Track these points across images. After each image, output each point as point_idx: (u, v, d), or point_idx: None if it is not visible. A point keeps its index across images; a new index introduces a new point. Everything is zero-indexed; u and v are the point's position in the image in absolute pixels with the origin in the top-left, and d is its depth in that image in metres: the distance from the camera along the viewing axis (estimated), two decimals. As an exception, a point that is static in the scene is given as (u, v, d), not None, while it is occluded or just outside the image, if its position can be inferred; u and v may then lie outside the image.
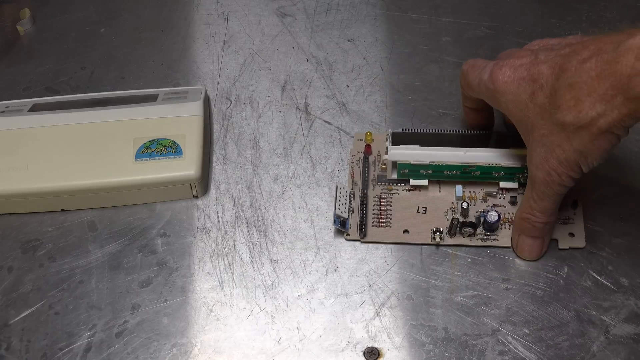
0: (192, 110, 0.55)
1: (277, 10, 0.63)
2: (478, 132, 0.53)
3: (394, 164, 0.52)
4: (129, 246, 0.52)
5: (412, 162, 0.51)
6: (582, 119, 0.40)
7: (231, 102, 0.59)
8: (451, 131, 0.53)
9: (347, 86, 0.59)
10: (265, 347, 0.48)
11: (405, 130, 0.53)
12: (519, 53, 0.46)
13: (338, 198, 0.51)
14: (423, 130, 0.54)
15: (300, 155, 0.56)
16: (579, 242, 0.50)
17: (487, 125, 0.54)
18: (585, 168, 0.43)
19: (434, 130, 0.53)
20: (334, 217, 0.50)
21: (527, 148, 0.46)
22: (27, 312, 0.49)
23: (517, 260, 0.50)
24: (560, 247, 0.50)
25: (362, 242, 0.51)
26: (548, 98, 0.42)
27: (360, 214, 0.52)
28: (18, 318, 0.49)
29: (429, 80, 0.59)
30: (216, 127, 0.57)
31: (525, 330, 0.47)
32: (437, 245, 0.51)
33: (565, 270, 0.50)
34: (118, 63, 0.61)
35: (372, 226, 0.51)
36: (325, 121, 0.57)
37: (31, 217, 0.54)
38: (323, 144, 0.56)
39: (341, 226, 0.51)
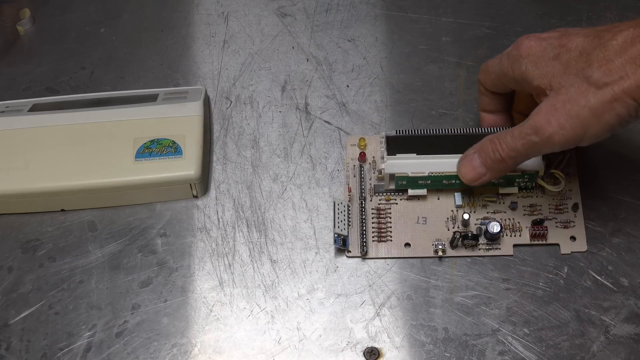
0: (192, 110, 0.55)
1: (277, 10, 0.63)
2: (472, 130, 0.52)
3: (392, 176, 0.51)
4: (129, 246, 0.52)
5: (410, 174, 0.50)
6: (611, 76, 0.41)
7: (231, 102, 0.59)
8: (445, 131, 0.52)
9: (347, 86, 0.59)
10: (265, 347, 0.48)
11: (400, 132, 0.52)
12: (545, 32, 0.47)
13: (337, 214, 0.50)
14: (417, 132, 0.52)
15: (300, 155, 0.56)
16: (581, 246, 0.50)
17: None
18: (589, 137, 0.42)
19: (427, 132, 0.52)
20: (334, 236, 0.50)
21: (539, 104, 0.45)
22: (27, 312, 0.49)
23: (517, 261, 0.50)
24: (562, 252, 0.50)
25: (363, 258, 0.51)
26: (575, 58, 0.43)
27: (360, 229, 0.51)
28: (18, 318, 0.49)
29: (429, 80, 0.59)
30: (216, 127, 0.57)
31: (525, 330, 0.47)
32: (440, 257, 0.50)
33: (565, 270, 0.50)
34: (118, 63, 0.61)
35: (373, 241, 0.51)
36: (325, 121, 0.57)
37: (31, 217, 0.54)
38: (323, 144, 0.56)
39: (342, 245, 0.50)
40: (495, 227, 0.49)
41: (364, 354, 0.47)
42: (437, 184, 0.51)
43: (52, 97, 0.58)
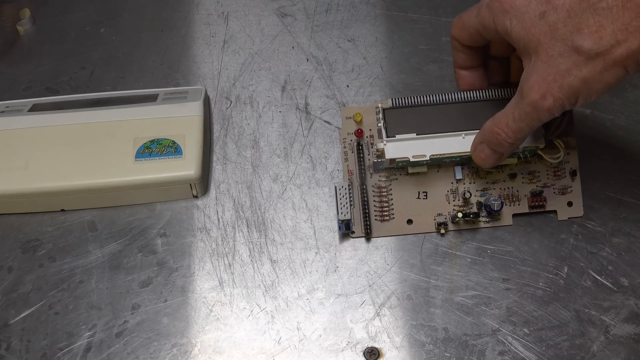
0: (192, 110, 0.55)
1: (277, 10, 0.63)
2: (469, 96, 0.51)
3: (392, 160, 0.51)
4: (129, 246, 0.52)
5: (411, 159, 0.50)
6: (602, 45, 0.40)
7: (231, 102, 0.59)
8: (440, 98, 0.51)
9: (347, 86, 0.59)
10: (265, 347, 0.48)
11: (395, 103, 0.51)
12: None
13: (339, 199, 0.50)
14: (413, 100, 0.51)
15: (300, 155, 0.56)
16: (577, 211, 0.51)
17: (480, 87, 0.51)
18: (582, 101, 0.42)
19: (423, 100, 0.51)
20: (338, 223, 0.50)
21: (525, 67, 0.44)
22: (27, 312, 0.49)
23: (517, 260, 0.50)
24: (559, 218, 0.51)
25: (367, 239, 0.51)
26: (563, 20, 0.42)
27: (362, 209, 0.51)
28: (18, 318, 0.49)
29: (429, 80, 0.59)
30: (216, 127, 0.57)
31: (525, 330, 0.47)
32: (442, 234, 0.51)
33: (565, 270, 0.50)
34: (118, 63, 0.61)
35: (376, 220, 0.51)
36: (325, 121, 0.57)
37: (31, 217, 0.54)
38: (323, 144, 0.56)
39: (346, 229, 0.51)
40: (496, 205, 0.50)
41: (364, 354, 0.47)
42: (438, 161, 0.51)
43: (52, 97, 0.58)
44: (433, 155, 0.49)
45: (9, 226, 0.53)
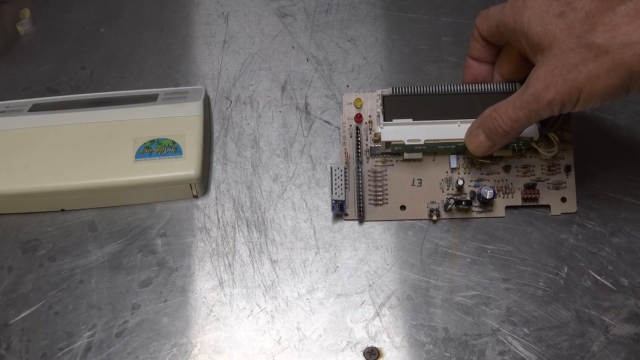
0: (192, 110, 0.55)
1: (277, 10, 0.63)
2: (469, 89, 0.52)
3: (388, 143, 0.51)
4: (129, 246, 0.52)
5: (406, 142, 0.50)
6: (614, 43, 0.41)
7: (231, 102, 0.59)
8: (441, 89, 0.52)
9: (347, 86, 0.59)
10: (265, 347, 0.48)
11: (396, 91, 0.52)
12: None
13: (334, 180, 0.51)
14: (414, 90, 0.52)
15: (300, 155, 0.56)
16: (571, 207, 0.51)
17: (483, 82, 0.52)
18: (582, 102, 0.42)
19: (424, 90, 0.52)
20: (332, 203, 0.51)
21: (537, 62, 0.45)
22: (27, 312, 0.49)
23: (517, 260, 0.50)
24: (552, 213, 0.51)
25: (360, 222, 0.52)
26: (580, 20, 0.42)
27: (357, 192, 0.52)
28: (18, 318, 0.49)
29: (429, 80, 0.59)
30: (216, 127, 0.57)
31: (525, 330, 0.47)
32: (434, 221, 0.52)
33: (565, 270, 0.50)
34: (118, 63, 0.61)
35: (370, 204, 0.52)
36: (325, 121, 0.57)
37: (31, 217, 0.54)
38: (323, 144, 0.56)
39: (339, 210, 0.51)
40: (488, 194, 0.50)
41: (364, 354, 0.47)
42: (433, 148, 0.52)
43: (52, 97, 0.58)
44: (428, 140, 0.50)
45: (9, 226, 0.53)
